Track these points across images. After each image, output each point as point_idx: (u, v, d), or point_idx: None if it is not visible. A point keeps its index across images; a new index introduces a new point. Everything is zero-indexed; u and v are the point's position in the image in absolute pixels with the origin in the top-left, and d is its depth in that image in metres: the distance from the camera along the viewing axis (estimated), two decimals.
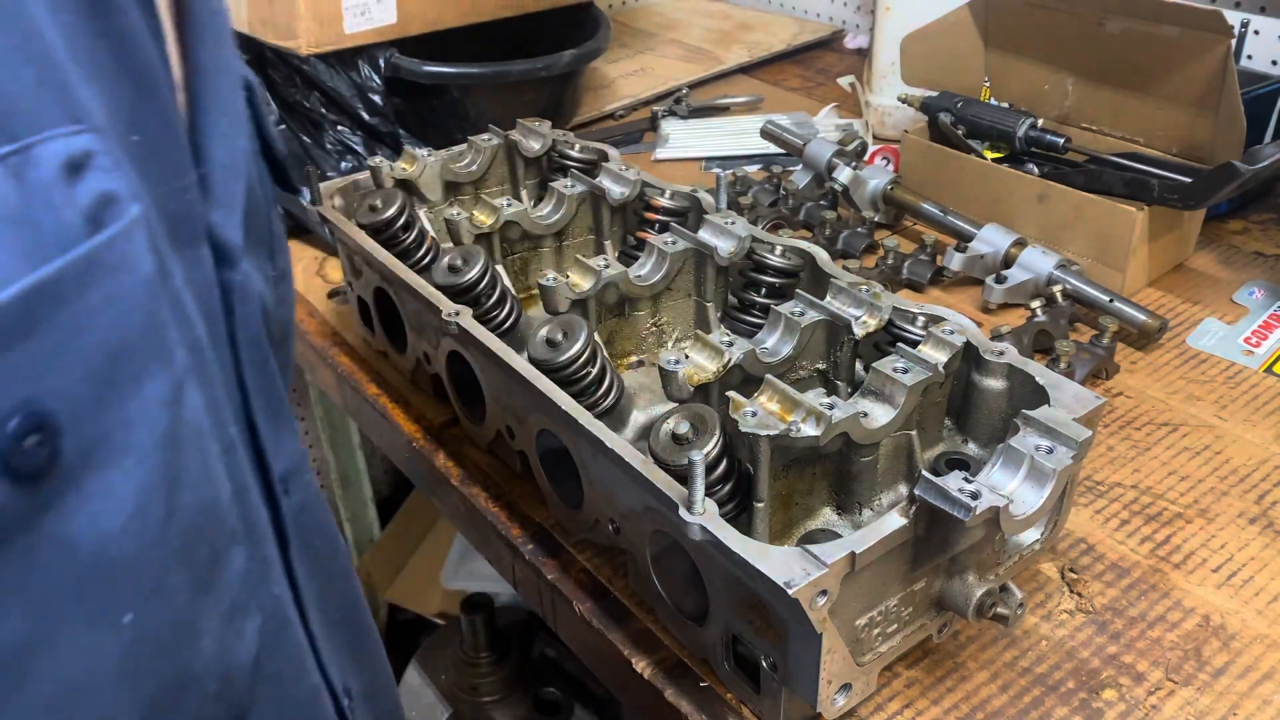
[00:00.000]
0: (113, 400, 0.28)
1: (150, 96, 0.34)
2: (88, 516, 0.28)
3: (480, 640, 1.54)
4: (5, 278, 0.25)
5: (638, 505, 0.71)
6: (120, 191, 0.29)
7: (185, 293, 0.33)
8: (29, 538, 0.27)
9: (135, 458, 0.29)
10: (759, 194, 1.31)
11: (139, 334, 0.29)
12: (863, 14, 1.96)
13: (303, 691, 0.43)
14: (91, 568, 0.28)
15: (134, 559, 0.29)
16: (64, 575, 0.28)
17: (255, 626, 0.37)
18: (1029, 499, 0.64)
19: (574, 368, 0.79)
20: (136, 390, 0.29)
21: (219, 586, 0.34)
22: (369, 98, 1.31)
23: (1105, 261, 1.13)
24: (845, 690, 0.66)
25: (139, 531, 0.29)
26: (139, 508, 0.29)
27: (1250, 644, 0.75)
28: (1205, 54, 1.10)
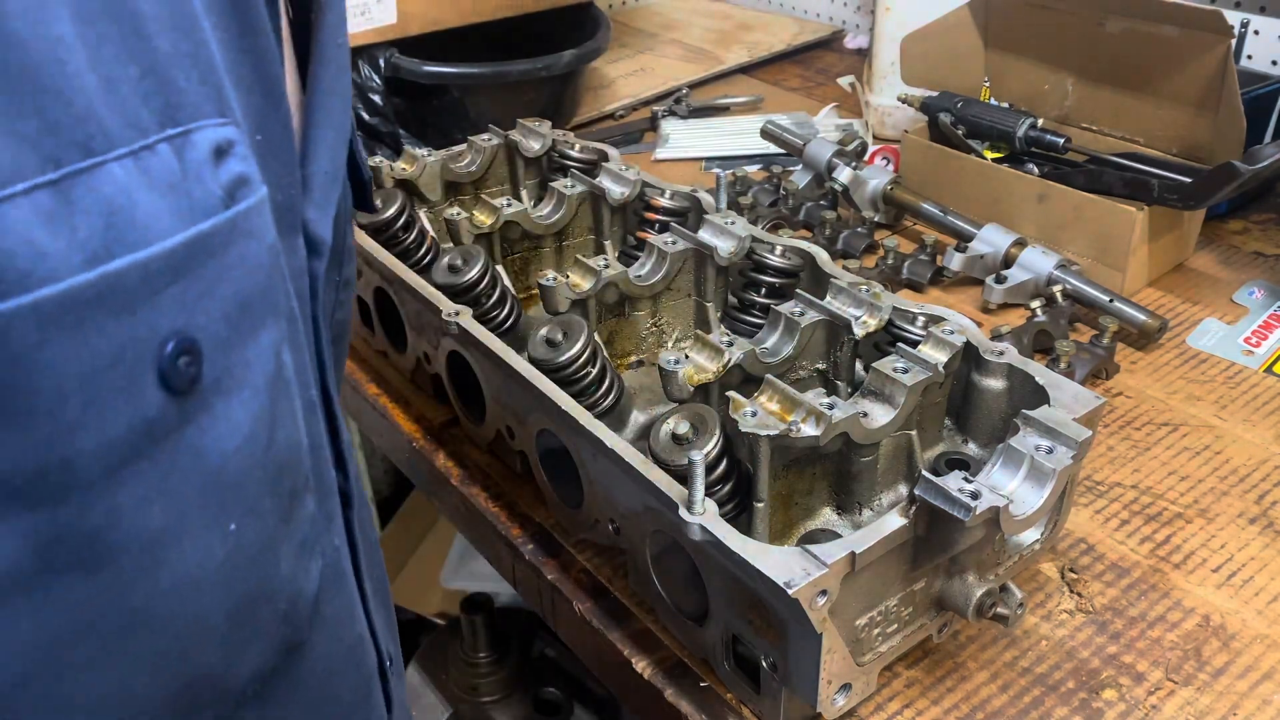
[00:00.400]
0: (239, 341, 0.34)
1: (276, 106, 0.41)
2: (215, 435, 0.33)
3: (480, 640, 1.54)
4: (171, 229, 0.31)
5: (638, 505, 0.71)
6: (251, 175, 0.35)
7: (286, 270, 0.39)
8: (174, 444, 0.32)
9: (250, 391, 0.35)
10: (759, 194, 1.31)
11: (261, 291, 0.35)
12: (863, 14, 1.96)
13: (351, 638, 0.48)
14: (214, 478, 0.34)
15: (242, 477, 0.35)
16: (195, 481, 0.33)
17: (318, 568, 0.42)
18: (1029, 499, 0.64)
19: (574, 368, 0.79)
20: (255, 336, 0.35)
21: (295, 520, 0.39)
22: (369, 98, 1.31)
23: (1105, 261, 1.13)
24: (845, 690, 0.66)
25: (248, 454, 0.35)
26: (250, 434, 0.35)
27: (1250, 644, 0.75)
28: (1205, 54, 1.11)
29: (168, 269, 0.31)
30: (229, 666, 0.36)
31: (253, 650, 0.38)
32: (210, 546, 0.34)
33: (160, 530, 0.32)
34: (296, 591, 0.40)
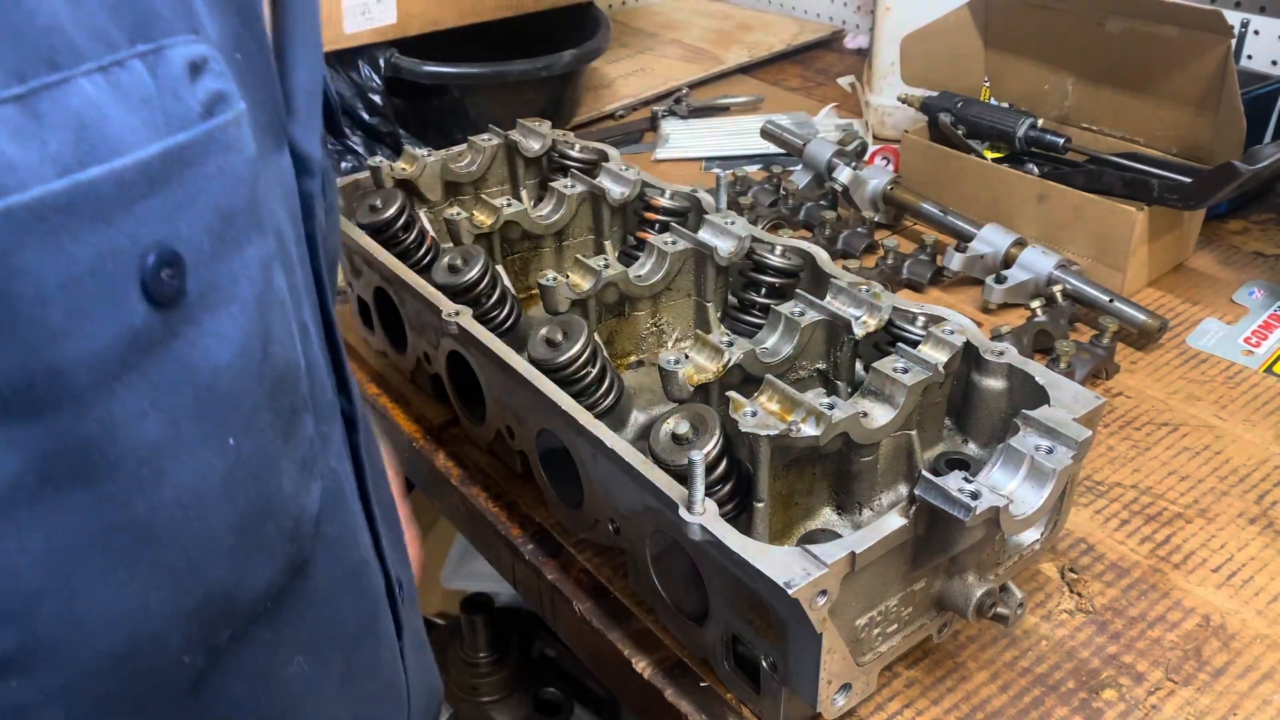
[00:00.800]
0: (223, 254, 0.34)
1: (250, 25, 0.40)
2: (204, 349, 0.34)
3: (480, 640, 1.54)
4: (144, 141, 0.32)
5: (638, 505, 0.71)
6: (229, 92, 0.35)
7: (274, 189, 0.39)
8: (162, 357, 0.33)
9: (239, 306, 0.35)
10: (759, 194, 1.31)
11: (243, 204, 0.35)
12: (863, 14, 1.96)
13: (354, 560, 0.48)
14: (207, 393, 0.34)
15: (237, 392, 0.35)
16: (188, 395, 0.34)
17: (319, 489, 0.43)
18: (1029, 499, 0.64)
19: (574, 368, 0.79)
20: (240, 250, 0.35)
21: (295, 439, 0.40)
22: (369, 98, 1.31)
23: (1105, 261, 1.13)
24: (845, 690, 0.66)
25: (241, 369, 0.35)
26: (241, 350, 0.35)
27: (1250, 644, 0.75)
28: (1205, 54, 1.11)
29: (143, 179, 0.31)
30: (239, 582, 0.37)
31: (261, 567, 0.38)
32: (210, 460, 0.34)
33: (157, 442, 0.33)
34: (300, 510, 0.40)
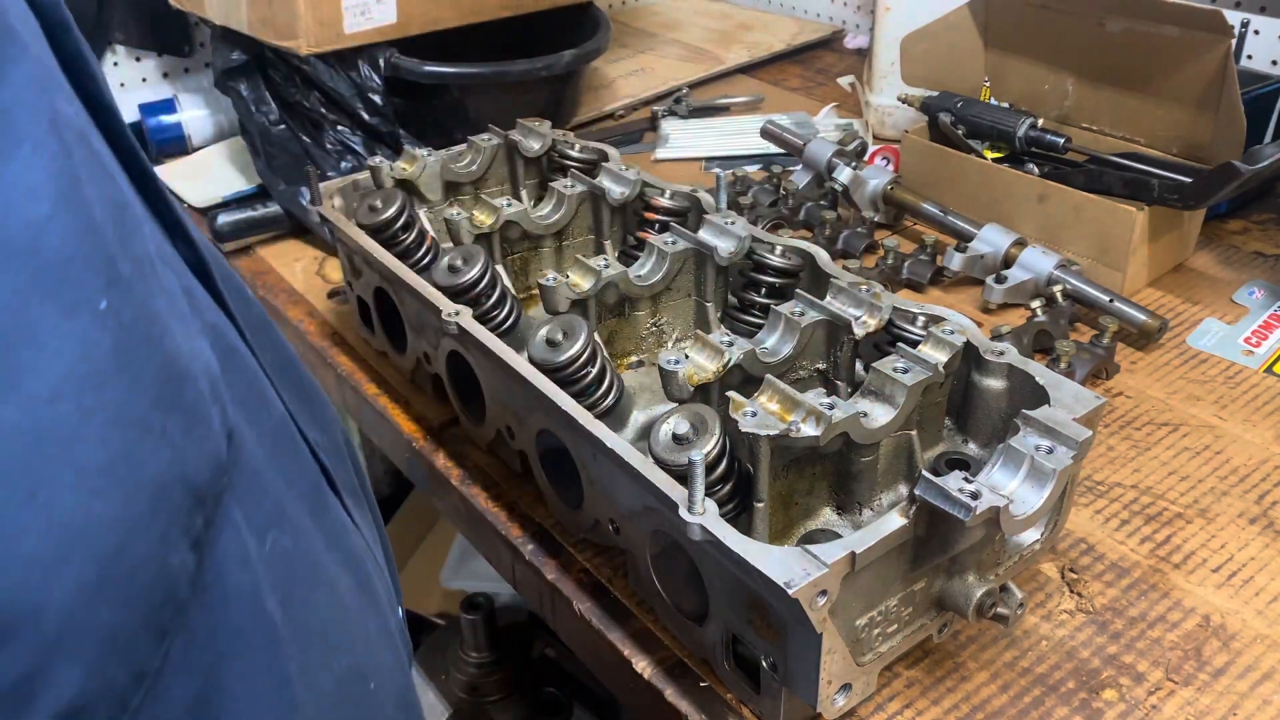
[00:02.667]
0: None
1: None
2: (5, 208, 0.29)
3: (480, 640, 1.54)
4: None
5: (638, 505, 0.71)
6: None
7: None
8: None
9: (31, 144, 0.30)
10: (759, 194, 1.31)
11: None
12: (863, 14, 1.96)
13: (274, 419, 0.44)
14: (35, 258, 0.29)
15: (76, 249, 0.30)
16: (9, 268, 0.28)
17: (207, 344, 0.38)
18: (1029, 499, 0.64)
19: (574, 368, 0.79)
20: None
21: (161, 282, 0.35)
22: (369, 98, 1.31)
23: (1105, 261, 1.13)
24: (845, 690, 0.66)
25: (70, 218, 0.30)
26: (59, 194, 0.30)
27: (1250, 644, 0.75)
28: (1205, 54, 1.11)
29: None
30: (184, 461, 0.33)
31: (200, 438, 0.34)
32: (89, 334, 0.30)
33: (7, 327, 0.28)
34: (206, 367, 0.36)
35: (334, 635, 0.44)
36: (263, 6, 1.25)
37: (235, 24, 1.29)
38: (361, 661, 0.47)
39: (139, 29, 1.58)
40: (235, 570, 0.36)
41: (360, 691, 0.46)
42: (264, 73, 1.35)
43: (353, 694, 0.45)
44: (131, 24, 1.57)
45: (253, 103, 1.35)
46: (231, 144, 1.52)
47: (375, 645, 0.49)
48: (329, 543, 0.47)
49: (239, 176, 1.44)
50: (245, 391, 0.42)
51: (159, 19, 1.56)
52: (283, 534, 0.41)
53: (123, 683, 0.31)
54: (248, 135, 1.38)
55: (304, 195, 1.30)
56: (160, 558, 0.32)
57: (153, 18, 1.56)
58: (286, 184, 1.32)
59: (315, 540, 0.45)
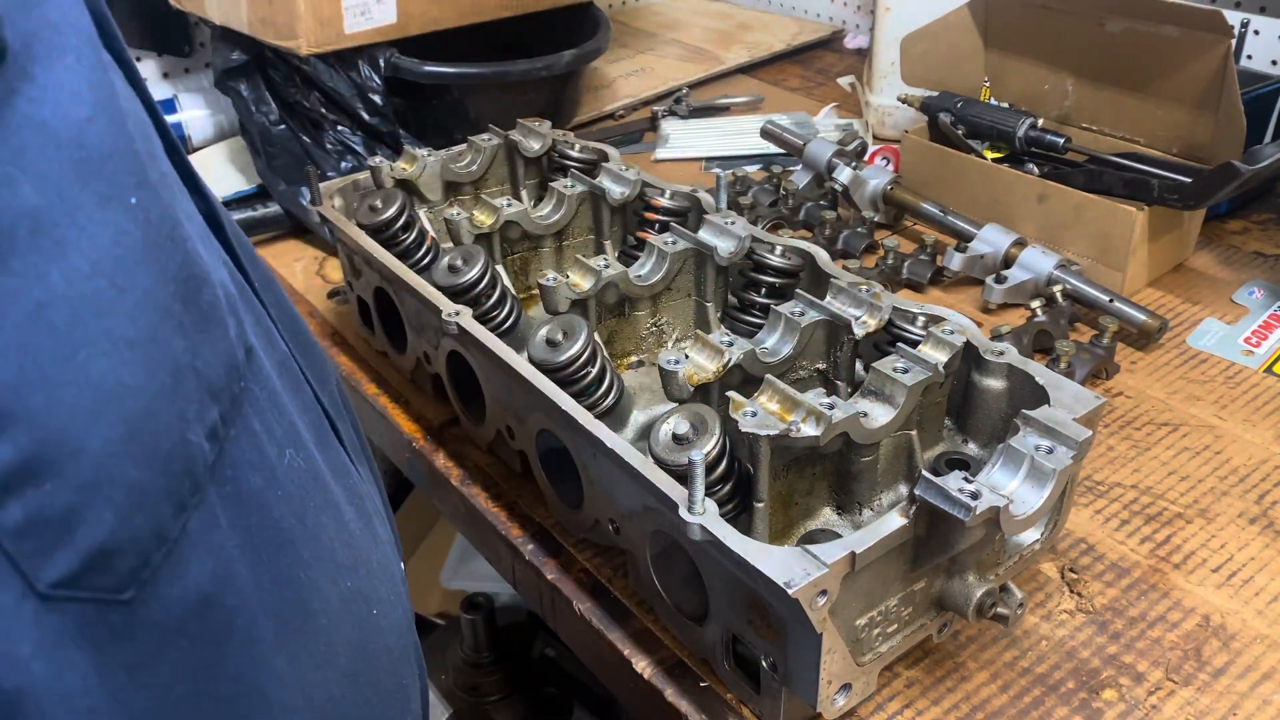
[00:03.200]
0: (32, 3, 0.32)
1: None
2: (53, 105, 0.32)
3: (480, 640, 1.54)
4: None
5: (638, 505, 0.71)
6: None
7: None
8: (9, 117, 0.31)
9: (74, 56, 0.33)
10: (759, 194, 1.31)
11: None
12: (863, 14, 1.96)
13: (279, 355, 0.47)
14: (78, 151, 0.32)
15: (113, 149, 0.33)
16: (55, 156, 0.32)
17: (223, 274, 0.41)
18: (1029, 499, 0.64)
19: (574, 368, 0.79)
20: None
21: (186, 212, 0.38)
22: (369, 98, 1.31)
23: (1105, 261, 1.13)
24: (845, 690, 0.66)
25: (106, 123, 0.33)
26: (97, 102, 0.33)
27: (1250, 644, 0.75)
28: (1205, 54, 1.11)
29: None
30: (197, 354, 0.36)
31: (214, 339, 0.37)
32: (118, 222, 0.33)
33: (44, 207, 0.31)
34: (222, 280, 0.39)
35: (341, 555, 0.47)
36: (263, 6, 1.25)
37: (235, 24, 1.29)
38: (364, 586, 0.49)
39: (139, 29, 1.58)
40: (251, 474, 0.39)
41: (363, 613, 0.49)
42: (264, 73, 1.35)
43: (357, 613, 0.48)
44: (131, 24, 1.57)
45: (253, 103, 1.35)
46: (231, 144, 1.52)
47: (377, 576, 0.51)
48: (335, 475, 0.49)
49: (239, 176, 1.44)
50: (255, 325, 0.44)
51: (159, 19, 1.56)
52: (298, 454, 0.44)
53: (145, 538, 0.34)
54: (248, 135, 1.38)
55: (304, 195, 1.30)
56: (180, 431, 0.35)
57: (153, 18, 1.56)
58: (286, 184, 1.32)
59: (321, 469, 0.47)
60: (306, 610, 0.43)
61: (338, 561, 0.46)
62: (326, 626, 0.44)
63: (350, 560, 0.48)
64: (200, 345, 0.36)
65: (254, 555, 0.39)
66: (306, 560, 0.43)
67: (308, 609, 0.43)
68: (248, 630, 0.39)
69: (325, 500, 0.46)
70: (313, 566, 0.43)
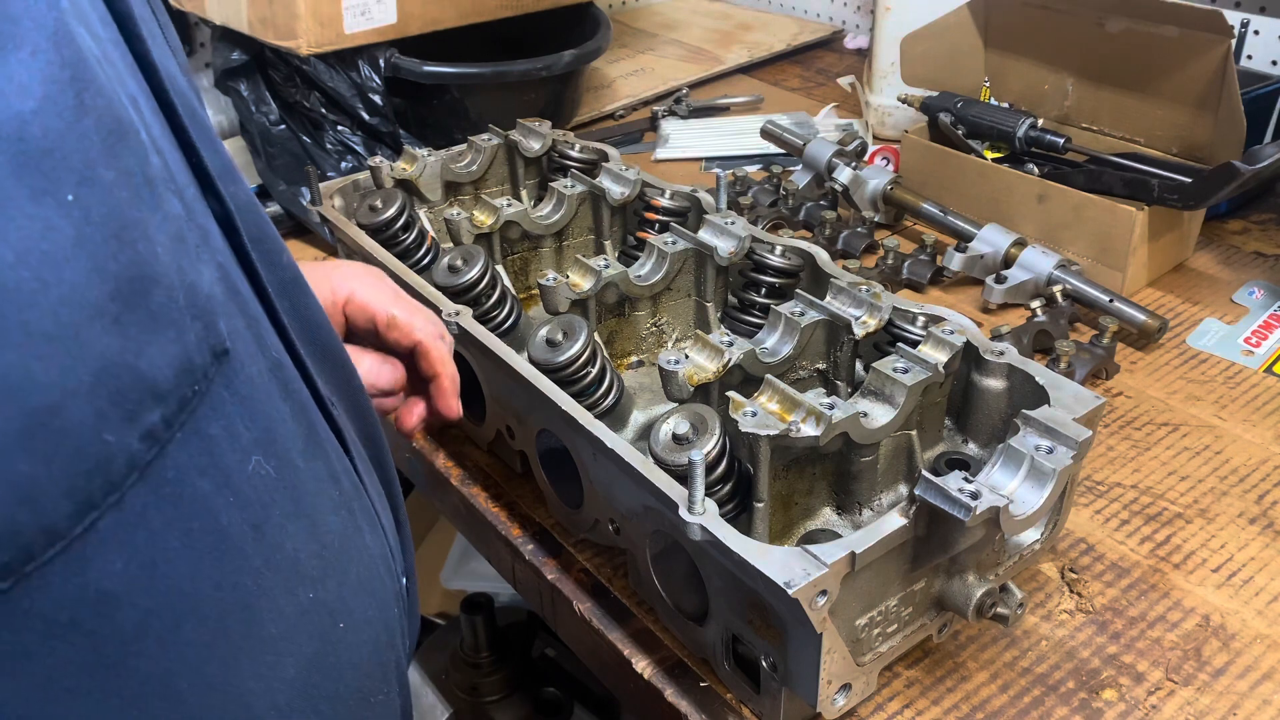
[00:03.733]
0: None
1: None
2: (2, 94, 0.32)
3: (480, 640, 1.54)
4: None
5: (638, 505, 0.71)
6: None
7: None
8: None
9: (30, 50, 0.33)
10: (759, 194, 1.31)
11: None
12: (863, 14, 1.96)
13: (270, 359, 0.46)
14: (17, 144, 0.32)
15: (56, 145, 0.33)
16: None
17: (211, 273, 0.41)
18: (1029, 499, 0.64)
19: (574, 368, 0.79)
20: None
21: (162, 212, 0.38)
22: (369, 98, 1.31)
23: (1105, 261, 1.13)
24: (845, 690, 0.66)
25: (55, 118, 0.33)
26: (48, 96, 0.33)
27: (1250, 644, 0.75)
28: (1205, 54, 1.11)
29: None
30: (139, 353, 0.36)
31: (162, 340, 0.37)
32: (49, 219, 0.33)
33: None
34: (191, 284, 0.38)
35: (306, 566, 0.46)
36: (263, 6, 1.25)
37: (235, 24, 1.30)
38: (331, 600, 0.48)
39: None
40: (198, 479, 0.39)
41: (325, 626, 0.48)
42: (264, 73, 1.35)
43: (318, 626, 0.47)
44: None
45: (253, 103, 1.35)
46: (231, 144, 1.52)
47: (353, 591, 0.50)
48: (317, 486, 0.48)
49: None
50: (245, 328, 0.44)
51: None
52: (267, 462, 0.43)
53: (29, 533, 0.33)
54: (248, 135, 1.38)
55: (304, 195, 1.30)
56: (94, 430, 0.34)
57: None
58: (286, 184, 1.32)
59: (302, 478, 0.47)
60: (251, 618, 0.42)
61: (301, 572, 0.45)
62: (275, 636, 0.44)
63: (319, 572, 0.47)
64: (145, 346, 0.36)
65: (193, 559, 0.39)
66: (258, 568, 0.42)
67: (253, 617, 0.42)
68: (168, 632, 0.38)
69: (295, 510, 0.46)
70: (265, 575, 0.43)
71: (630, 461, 0.68)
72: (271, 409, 0.45)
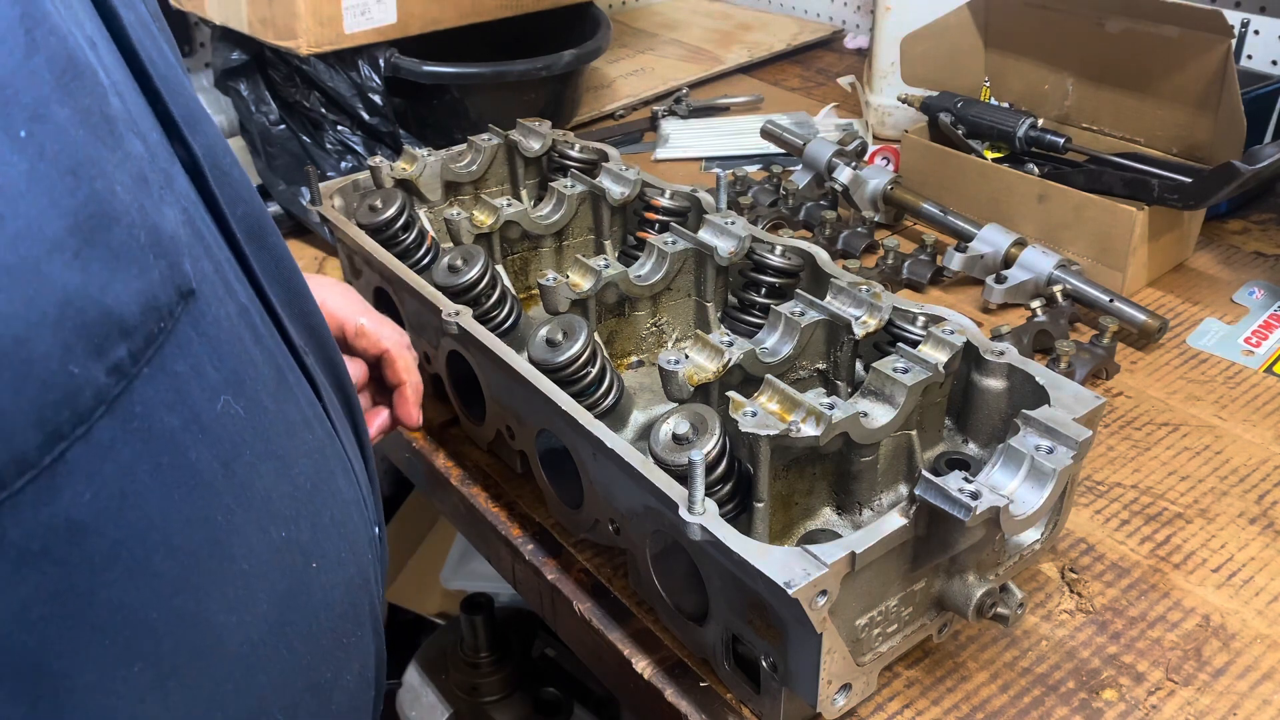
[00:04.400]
0: None
1: None
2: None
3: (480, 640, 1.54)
4: None
5: (638, 505, 0.71)
6: None
7: None
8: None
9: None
10: (759, 194, 1.31)
11: None
12: (863, 14, 1.96)
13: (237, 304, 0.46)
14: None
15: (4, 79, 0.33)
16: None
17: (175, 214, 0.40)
18: (1029, 499, 0.64)
19: (574, 368, 0.79)
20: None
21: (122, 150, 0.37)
22: (369, 98, 1.31)
23: (1105, 261, 1.13)
24: (845, 690, 0.66)
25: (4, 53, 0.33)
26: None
27: (1250, 644, 0.75)
28: (1205, 54, 1.11)
29: None
30: (103, 288, 0.36)
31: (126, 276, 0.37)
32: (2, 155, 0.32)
33: None
34: (153, 223, 0.38)
35: (277, 505, 0.46)
36: (263, 6, 1.25)
37: (235, 24, 1.30)
38: (305, 540, 0.48)
39: None
40: (166, 415, 0.39)
41: (298, 565, 0.48)
42: (264, 73, 1.35)
43: (290, 564, 0.47)
44: None
45: (253, 103, 1.35)
46: (231, 144, 1.52)
47: (326, 532, 0.51)
48: (288, 429, 0.49)
49: None
50: (210, 271, 0.44)
51: None
52: (236, 402, 0.43)
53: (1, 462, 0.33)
54: (248, 135, 1.38)
55: (304, 195, 1.30)
56: (61, 362, 0.34)
57: None
58: (286, 184, 1.32)
59: (272, 421, 0.47)
60: (222, 553, 0.43)
61: (272, 511, 0.46)
62: (247, 572, 0.44)
63: (291, 512, 0.48)
64: (109, 282, 0.36)
65: (163, 493, 0.39)
66: (229, 505, 0.43)
67: (224, 552, 0.43)
68: (137, 563, 0.39)
69: (266, 450, 0.46)
70: (236, 512, 0.43)
71: (630, 461, 0.68)
72: (240, 351, 0.45)
